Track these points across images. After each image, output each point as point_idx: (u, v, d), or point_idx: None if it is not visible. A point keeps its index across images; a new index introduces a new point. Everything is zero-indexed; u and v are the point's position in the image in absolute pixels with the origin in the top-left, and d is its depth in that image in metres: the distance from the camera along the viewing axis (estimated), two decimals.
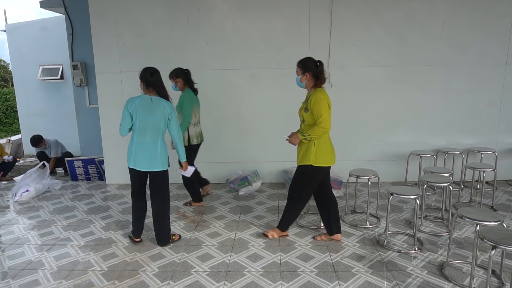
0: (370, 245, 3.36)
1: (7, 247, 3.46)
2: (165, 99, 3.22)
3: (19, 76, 9.67)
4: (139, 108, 3.16)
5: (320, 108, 3.01)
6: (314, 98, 3.06)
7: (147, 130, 3.17)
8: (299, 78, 3.18)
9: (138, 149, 3.19)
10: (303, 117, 3.21)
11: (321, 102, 3.03)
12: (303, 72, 3.14)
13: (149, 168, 3.21)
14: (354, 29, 4.87)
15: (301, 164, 3.19)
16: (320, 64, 3.14)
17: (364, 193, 4.77)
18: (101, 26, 5.02)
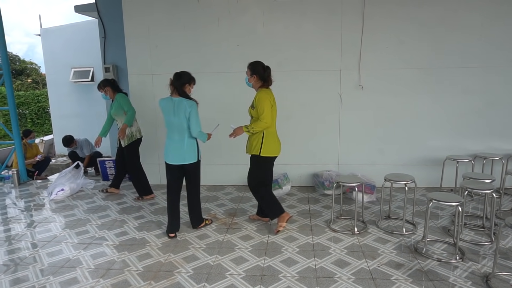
0: (408, 253, 3.25)
1: (46, 245, 3.56)
2: (185, 98, 3.49)
3: (52, 79, 9.99)
4: (164, 110, 3.55)
5: (262, 106, 3.43)
6: (259, 97, 3.47)
7: (174, 128, 3.53)
8: (247, 78, 3.56)
9: (169, 145, 3.58)
10: (250, 114, 3.61)
11: (264, 101, 3.44)
12: (251, 74, 3.52)
13: (179, 161, 3.56)
14: (387, 30, 4.76)
15: (251, 154, 3.61)
16: (268, 69, 3.53)
17: (397, 198, 4.65)
18: (134, 29, 5.11)
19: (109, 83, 4.75)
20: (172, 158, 3.56)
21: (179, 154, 3.53)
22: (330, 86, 4.94)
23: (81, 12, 6.71)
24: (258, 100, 3.45)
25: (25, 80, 21.55)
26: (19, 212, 4.52)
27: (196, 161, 3.61)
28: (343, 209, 4.22)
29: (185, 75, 3.54)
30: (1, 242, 3.64)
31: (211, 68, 4.96)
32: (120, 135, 4.68)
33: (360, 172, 4.86)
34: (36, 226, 4.02)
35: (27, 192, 5.32)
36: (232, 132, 3.58)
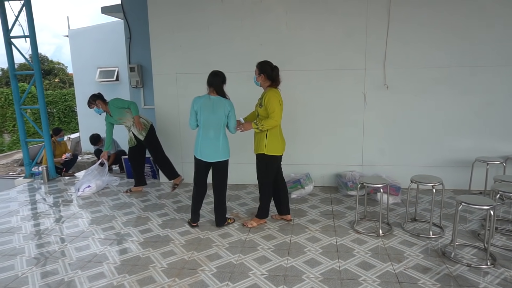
0: (435, 257, 3.16)
1: (74, 239, 3.66)
2: (224, 98, 3.63)
3: (78, 78, 10.31)
4: (202, 107, 3.60)
5: (273, 105, 3.49)
6: (268, 96, 3.53)
7: (210, 126, 3.62)
8: (255, 77, 3.63)
9: (204, 143, 3.66)
10: (257, 112, 3.66)
11: (274, 100, 3.51)
12: (259, 73, 3.60)
13: (213, 159, 3.67)
14: (414, 28, 4.63)
15: (256, 153, 3.68)
16: (275, 68, 3.59)
17: (423, 200, 4.53)
18: (159, 29, 5.19)
19: (98, 97, 4.93)
20: (206, 155, 3.66)
21: (214, 151, 3.65)
22: (354, 85, 4.86)
23: (108, 13, 6.86)
24: (268, 99, 3.51)
25: (53, 79, 22.26)
26: (48, 207, 4.67)
27: (228, 158, 3.75)
28: (367, 210, 4.15)
29: (222, 74, 3.64)
30: (32, 236, 3.77)
31: (234, 68, 4.97)
32: (140, 128, 4.86)
33: (385, 173, 4.76)
34: (64, 221, 4.14)
35: (55, 188, 5.49)
36: (240, 125, 3.65)
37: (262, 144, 3.61)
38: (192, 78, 5.18)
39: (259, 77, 3.60)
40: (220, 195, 3.80)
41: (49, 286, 2.85)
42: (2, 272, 3.07)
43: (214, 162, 3.69)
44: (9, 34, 5.76)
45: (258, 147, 3.65)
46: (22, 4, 5.60)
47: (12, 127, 15.48)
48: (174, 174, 5.16)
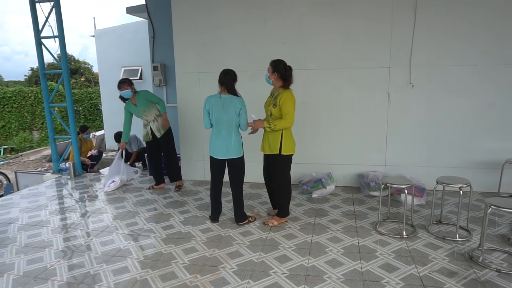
0: (462, 261, 3.07)
1: (99, 234, 3.76)
2: (235, 96, 3.66)
3: (103, 77, 10.57)
4: (214, 106, 3.66)
5: (288, 106, 3.49)
6: (284, 97, 3.51)
7: (222, 124, 3.67)
8: (268, 75, 3.61)
9: (216, 141, 3.73)
10: (270, 112, 3.63)
11: (290, 101, 3.51)
12: (273, 72, 3.57)
13: (226, 156, 3.73)
14: (441, 24, 4.50)
15: (271, 153, 3.68)
16: (290, 69, 3.57)
17: (449, 202, 4.40)
18: (182, 28, 5.25)
19: (131, 82, 4.97)
20: (218, 152, 3.72)
21: (226, 149, 3.69)
22: (378, 84, 4.77)
23: (133, 13, 7.01)
24: (284, 100, 3.50)
25: (79, 78, 22.96)
26: (75, 202, 4.82)
27: (241, 156, 3.76)
28: (390, 211, 4.07)
29: (233, 72, 3.68)
30: (59, 230, 3.90)
31: (256, 66, 4.97)
32: (166, 125, 4.97)
33: (409, 174, 4.65)
34: (90, 216, 4.26)
35: (81, 184, 5.66)
36: (251, 123, 3.63)
37: (277, 144, 3.61)
38: (214, 77, 5.13)
39: (272, 75, 3.59)
40: (237, 192, 3.84)
41: (76, 278, 2.94)
42: (32, 263, 3.19)
43: (228, 160, 3.74)
44: (40, 35, 5.97)
45: (272, 147, 3.64)
46: (52, 5, 5.78)
47: (41, 124, 16.08)
48: (178, 177, 5.20)
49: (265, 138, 3.74)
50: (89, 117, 17.44)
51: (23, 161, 12.19)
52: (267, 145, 3.72)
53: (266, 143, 3.74)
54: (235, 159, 3.74)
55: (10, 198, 5.06)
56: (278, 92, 3.61)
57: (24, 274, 3.02)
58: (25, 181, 7.35)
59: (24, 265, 3.16)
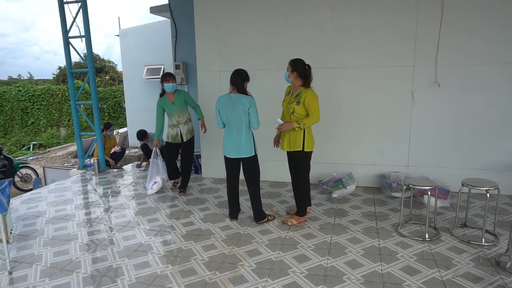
0: (488, 266, 2.97)
1: (121, 229, 3.85)
2: (244, 95, 3.67)
3: (127, 76, 10.80)
4: (223, 106, 3.73)
5: (314, 104, 3.54)
6: (309, 95, 3.54)
7: (232, 123, 3.72)
8: (287, 74, 3.64)
9: (227, 140, 3.79)
10: (293, 109, 3.62)
11: (315, 99, 3.56)
12: (292, 71, 3.60)
13: (237, 155, 3.76)
14: (469, 21, 4.35)
15: (293, 150, 3.68)
16: (308, 67, 3.61)
17: (475, 205, 4.26)
18: (204, 27, 5.30)
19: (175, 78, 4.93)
20: (230, 151, 3.77)
21: (237, 148, 3.73)
22: (401, 83, 4.67)
23: (156, 13, 7.14)
24: (309, 98, 3.52)
25: (104, 77, 23.55)
26: (99, 197, 4.96)
27: (253, 154, 3.77)
28: (412, 213, 3.98)
29: (244, 72, 3.72)
30: (84, 224, 4.02)
31: (277, 65, 4.97)
32: (204, 130, 4.91)
33: (432, 175, 4.53)
34: (113, 211, 4.38)
35: (105, 180, 5.81)
36: (281, 126, 3.61)
37: (299, 141, 3.62)
38: None
39: (292, 75, 3.62)
40: (253, 191, 3.87)
41: (99, 271, 3.02)
42: (59, 255, 3.31)
43: (241, 159, 3.78)
44: (68, 35, 6.16)
45: (295, 144, 3.65)
46: (79, 6, 5.96)
47: (68, 121, 16.61)
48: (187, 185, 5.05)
49: (286, 136, 3.73)
50: (113, 115, 17.87)
51: (50, 157, 12.64)
52: (286, 142, 3.72)
53: (286, 140, 3.73)
54: (247, 158, 3.76)
55: (38, 192, 5.26)
56: (298, 91, 3.62)
57: (51, 265, 3.14)
58: (52, 176, 7.63)
59: (51, 257, 3.29)
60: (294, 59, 3.64)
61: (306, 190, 3.87)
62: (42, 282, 2.89)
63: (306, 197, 3.90)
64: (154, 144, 4.99)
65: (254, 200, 3.89)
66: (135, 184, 5.50)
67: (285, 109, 3.77)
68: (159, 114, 4.81)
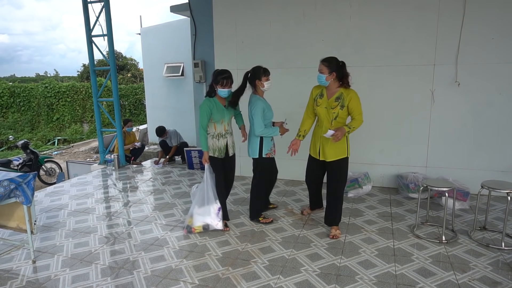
0: (507, 271, 2.89)
1: (139, 223, 3.96)
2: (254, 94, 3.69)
3: (148, 73, 10.98)
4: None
5: (360, 106, 3.30)
6: (354, 97, 3.28)
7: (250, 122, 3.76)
8: (324, 76, 3.29)
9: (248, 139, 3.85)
10: (337, 114, 3.33)
11: (359, 100, 3.31)
12: (330, 72, 3.27)
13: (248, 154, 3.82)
14: (493, 18, 4.22)
15: (337, 158, 3.39)
16: (343, 64, 3.31)
17: (496, 208, 4.15)
18: (223, 26, 5.35)
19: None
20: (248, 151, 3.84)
21: (248, 147, 3.80)
22: (421, 82, 4.58)
23: (176, 11, 7.24)
24: (355, 101, 3.28)
25: (126, 74, 24.05)
26: (118, 192, 5.10)
27: (258, 157, 3.72)
28: (429, 215, 3.91)
29: (252, 70, 3.66)
30: (103, 217, 4.15)
31: (294, 64, 4.97)
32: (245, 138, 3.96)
33: (451, 176, 4.43)
34: (131, 206, 4.49)
35: (124, 175, 5.96)
36: (334, 136, 3.25)
37: (344, 147, 3.38)
38: None
39: (330, 76, 3.27)
40: (252, 189, 3.88)
41: (117, 263, 3.12)
42: (79, 246, 3.44)
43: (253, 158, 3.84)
44: (91, 33, 6.34)
45: (339, 151, 3.38)
46: (102, 5, 6.12)
47: (91, 118, 17.07)
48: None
49: (329, 143, 3.37)
50: (133, 112, 18.24)
51: (73, 152, 13.04)
52: (332, 150, 3.38)
53: (330, 148, 3.38)
54: (254, 159, 3.80)
55: (61, 185, 5.46)
56: (338, 92, 3.32)
57: (71, 256, 3.26)
58: (75, 170, 7.88)
59: (72, 248, 3.42)
60: (328, 58, 3.31)
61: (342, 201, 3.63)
62: (63, 272, 3.01)
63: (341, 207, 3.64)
64: (205, 159, 3.64)
65: (251, 198, 3.89)
66: (153, 180, 5.62)
67: (323, 114, 3.39)
68: (205, 119, 3.59)
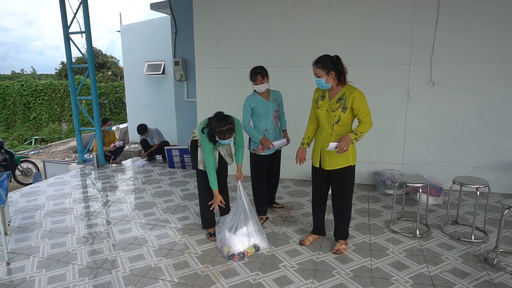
0: (476, 262, 3.02)
1: (118, 222, 3.92)
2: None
3: (128, 71, 10.84)
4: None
5: (365, 106, 2.92)
6: (357, 96, 2.90)
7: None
8: (323, 79, 2.92)
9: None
10: (339, 118, 2.96)
11: (364, 99, 2.92)
12: (328, 72, 2.91)
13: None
14: (465, 20, 4.37)
15: (342, 166, 3.02)
16: (337, 59, 2.95)
17: (467, 203, 4.31)
18: (203, 24, 5.34)
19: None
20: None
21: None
22: (397, 81, 4.71)
23: (156, 9, 7.17)
24: (359, 100, 2.89)
25: (106, 72, 23.61)
26: (97, 191, 5.03)
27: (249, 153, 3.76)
28: (404, 210, 4.03)
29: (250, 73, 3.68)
30: (81, 217, 4.09)
31: (274, 62, 5.01)
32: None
33: (426, 173, 4.57)
34: (110, 205, 4.45)
35: (104, 174, 5.88)
36: (339, 147, 2.88)
37: (348, 155, 2.98)
38: (233, 72, 5.29)
39: (329, 77, 2.91)
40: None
41: (95, 263, 3.09)
42: (55, 247, 3.38)
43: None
44: (68, 30, 6.21)
45: (343, 159, 2.99)
46: (80, 1, 6.00)
47: (69, 116, 16.69)
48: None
49: (328, 151, 3.00)
50: (114, 110, 17.93)
51: (51, 151, 12.73)
52: (335, 159, 3.00)
53: (333, 157, 3.00)
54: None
55: (38, 186, 5.34)
56: (340, 93, 2.97)
57: (48, 257, 3.21)
58: (52, 170, 7.71)
59: (48, 248, 3.36)
60: (320, 59, 2.93)
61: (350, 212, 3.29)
62: (39, 273, 2.96)
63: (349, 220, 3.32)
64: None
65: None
66: (133, 179, 5.57)
67: (324, 117, 3.03)
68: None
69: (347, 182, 3.11)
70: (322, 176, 3.16)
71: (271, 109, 3.66)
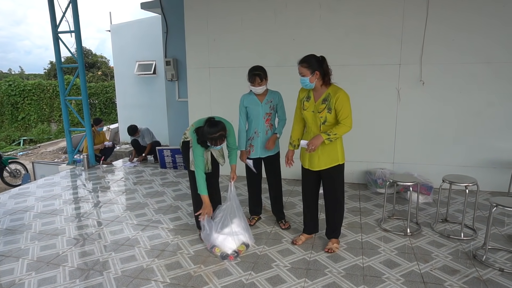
0: (465, 259, 3.06)
1: (109, 223, 3.89)
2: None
3: (119, 71, 10.72)
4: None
5: (347, 107, 2.90)
6: (340, 97, 2.90)
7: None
8: (307, 78, 2.94)
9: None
10: (325, 119, 2.95)
11: (348, 102, 2.91)
12: (312, 72, 2.92)
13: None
14: (454, 21, 4.44)
15: (330, 166, 3.04)
16: (323, 59, 2.96)
17: (457, 201, 4.37)
18: (194, 23, 5.32)
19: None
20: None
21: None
22: (387, 81, 4.75)
23: (147, 9, 7.12)
24: (341, 101, 2.88)
25: (96, 72, 23.38)
26: (88, 192, 4.98)
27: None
28: (395, 208, 4.07)
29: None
30: (72, 219, 4.04)
31: (266, 62, 4.99)
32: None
33: (417, 172, 4.63)
34: (102, 206, 4.40)
35: (94, 175, 5.82)
36: (309, 146, 2.94)
37: (336, 154, 3.01)
38: (224, 72, 5.29)
39: (313, 77, 2.93)
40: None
41: (86, 265, 3.06)
42: (45, 249, 3.34)
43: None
44: (57, 30, 6.13)
45: (333, 158, 3.01)
46: (69, 0, 5.93)
47: (59, 117, 16.47)
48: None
49: (320, 151, 3.02)
50: (104, 110, 17.75)
51: (40, 152, 12.56)
52: (323, 158, 3.03)
53: (321, 156, 3.03)
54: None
55: (27, 187, 5.26)
56: (325, 93, 2.97)
57: (37, 259, 3.17)
58: (42, 171, 7.60)
59: (38, 251, 3.31)
60: (305, 58, 2.94)
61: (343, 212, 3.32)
62: (28, 275, 2.92)
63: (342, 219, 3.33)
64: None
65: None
66: (124, 180, 5.53)
67: (311, 118, 3.04)
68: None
69: (337, 181, 3.12)
70: (312, 176, 3.18)
71: (262, 111, 3.51)
